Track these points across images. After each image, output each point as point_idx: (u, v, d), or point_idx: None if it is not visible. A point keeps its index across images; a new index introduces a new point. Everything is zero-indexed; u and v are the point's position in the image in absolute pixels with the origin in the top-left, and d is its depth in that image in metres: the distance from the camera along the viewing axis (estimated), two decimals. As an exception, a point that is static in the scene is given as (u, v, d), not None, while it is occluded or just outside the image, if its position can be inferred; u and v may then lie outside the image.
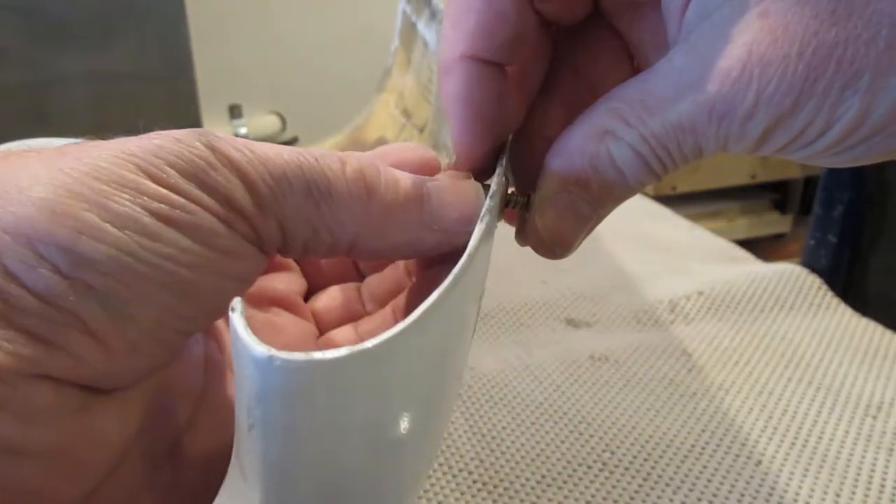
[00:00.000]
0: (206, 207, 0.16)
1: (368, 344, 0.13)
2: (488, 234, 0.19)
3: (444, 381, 0.18)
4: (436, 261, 0.22)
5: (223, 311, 0.18)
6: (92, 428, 0.16)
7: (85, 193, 0.15)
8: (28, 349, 0.15)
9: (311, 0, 1.58)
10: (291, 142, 1.58)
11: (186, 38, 1.06)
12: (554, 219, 0.21)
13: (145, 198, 0.16)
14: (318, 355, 0.13)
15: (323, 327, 0.24)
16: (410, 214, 0.19)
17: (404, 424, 0.16)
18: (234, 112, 1.60)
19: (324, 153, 0.19)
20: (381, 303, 0.24)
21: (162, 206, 0.16)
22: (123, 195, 0.16)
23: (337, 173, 0.18)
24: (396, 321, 0.22)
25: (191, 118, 1.10)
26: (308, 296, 0.25)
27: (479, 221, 0.19)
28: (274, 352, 0.13)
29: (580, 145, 0.20)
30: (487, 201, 0.20)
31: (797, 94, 0.17)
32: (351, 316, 0.24)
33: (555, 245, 0.21)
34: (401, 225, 0.19)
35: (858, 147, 0.17)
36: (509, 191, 0.22)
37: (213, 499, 0.16)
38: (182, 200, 0.16)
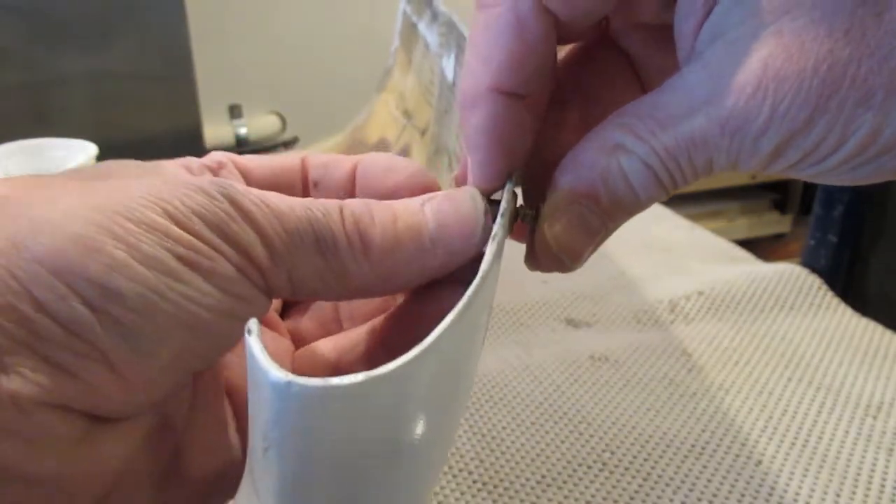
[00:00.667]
0: (225, 256, 0.17)
1: (386, 369, 0.13)
2: (499, 252, 0.19)
3: (457, 397, 0.19)
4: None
5: (230, 349, 0.19)
6: (94, 455, 0.17)
7: (117, 232, 0.16)
8: (48, 379, 0.15)
9: (311, 0, 1.58)
10: (291, 142, 1.58)
11: (186, 38, 1.06)
12: (563, 230, 0.21)
13: (171, 241, 0.17)
14: (335, 381, 0.13)
15: (298, 344, 0.24)
16: (412, 245, 0.20)
17: (418, 441, 0.16)
18: (234, 112, 1.60)
19: (327, 205, 0.19)
20: (359, 322, 0.24)
21: (187, 251, 0.17)
22: (152, 237, 0.17)
23: (338, 226, 0.19)
24: (375, 338, 0.22)
25: (191, 118, 1.10)
26: (283, 312, 0.25)
27: (490, 241, 0.19)
28: (292, 377, 0.13)
29: (591, 159, 0.20)
30: (498, 220, 0.20)
31: (811, 110, 0.17)
32: (327, 333, 0.24)
33: (563, 256, 0.21)
34: (405, 260, 0.20)
35: (868, 165, 0.18)
36: (518, 205, 0.22)
37: None
38: (205, 248, 0.17)
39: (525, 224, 0.22)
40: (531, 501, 0.32)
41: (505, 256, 0.20)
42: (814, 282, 0.51)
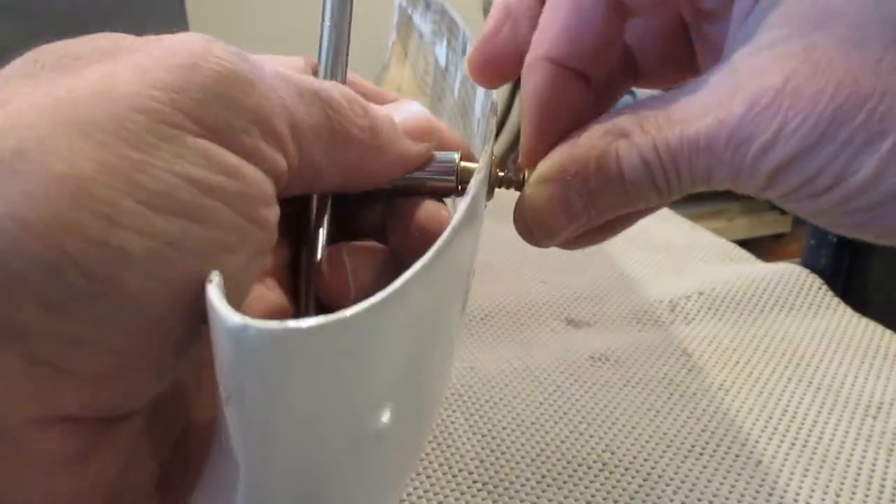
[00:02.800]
0: (251, 156, 0.15)
1: (347, 313, 0.13)
2: (474, 209, 0.18)
3: (429, 361, 0.18)
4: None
5: (240, 303, 0.16)
6: (85, 479, 0.14)
7: (115, 165, 0.12)
8: (36, 382, 0.12)
9: (311, 0, 1.58)
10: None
11: (186, 38, 1.06)
12: (542, 200, 0.20)
13: (185, 161, 0.13)
14: (293, 324, 0.12)
15: None
16: (392, 128, 0.20)
17: (386, 401, 0.15)
18: (234, 112, 1.60)
19: (323, 83, 0.19)
20: None
21: (208, 170, 0.13)
22: (160, 160, 0.13)
23: (338, 94, 0.18)
24: None
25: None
26: None
27: (465, 195, 0.18)
28: (248, 321, 0.12)
29: (592, 138, 0.20)
30: (474, 177, 0.19)
31: (819, 135, 0.16)
32: None
33: (535, 228, 0.21)
34: (389, 136, 0.20)
35: (866, 213, 0.17)
36: (502, 173, 0.22)
37: None
38: (231, 159, 0.14)
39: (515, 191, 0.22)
40: (531, 501, 0.32)
41: (505, 256, 0.20)
42: (814, 282, 0.51)
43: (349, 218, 0.23)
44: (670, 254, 0.58)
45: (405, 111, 0.22)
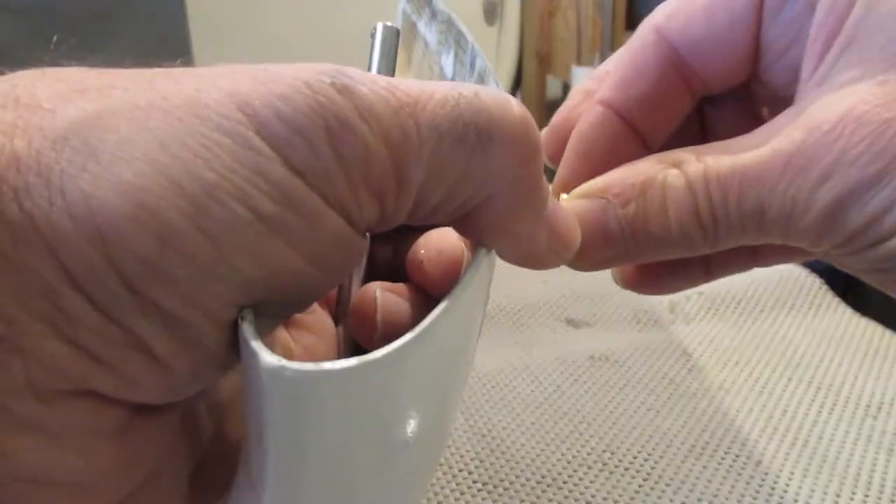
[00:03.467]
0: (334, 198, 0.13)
1: (378, 354, 0.13)
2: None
3: (452, 387, 0.18)
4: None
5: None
6: (126, 452, 0.14)
7: (187, 186, 0.12)
8: (75, 366, 0.12)
9: (311, 0, 1.58)
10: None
11: (186, 38, 1.06)
12: (578, 213, 0.19)
13: (260, 193, 0.12)
14: (328, 365, 0.13)
15: None
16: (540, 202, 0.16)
17: (413, 431, 0.16)
18: (234, 112, 1.60)
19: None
20: None
21: (281, 210, 0.12)
22: (234, 188, 0.12)
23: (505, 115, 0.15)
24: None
25: (191, 118, 1.10)
26: None
27: None
28: (284, 362, 0.13)
29: (644, 165, 0.19)
30: None
31: (885, 163, 0.15)
32: None
33: (564, 244, 0.18)
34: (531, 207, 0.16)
35: None
36: None
37: None
38: (313, 201, 0.13)
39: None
40: (531, 501, 0.32)
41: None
42: (814, 282, 0.51)
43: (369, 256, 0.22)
44: (670, 254, 0.58)
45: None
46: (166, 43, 1.06)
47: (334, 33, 1.60)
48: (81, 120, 0.12)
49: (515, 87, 1.78)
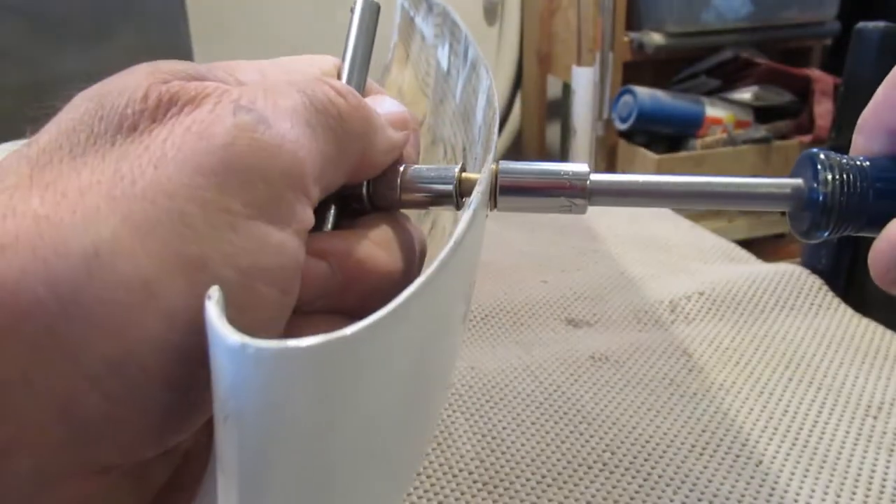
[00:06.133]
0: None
1: (346, 331, 0.12)
2: (476, 222, 0.18)
3: (431, 372, 0.18)
4: None
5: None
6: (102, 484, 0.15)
7: (175, 264, 0.13)
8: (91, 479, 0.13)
9: (310, 1, 1.58)
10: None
11: (187, 38, 1.06)
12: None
13: (236, 248, 0.13)
14: (292, 342, 0.12)
15: None
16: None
17: (388, 416, 0.15)
18: (235, 112, 1.60)
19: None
20: None
21: (257, 257, 0.14)
22: (217, 252, 0.13)
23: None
24: None
25: (191, 118, 1.10)
26: None
27: (466, 208, 0.18)
28: (247, 339, 0.12)
29: None
30: (476, 189, 0.19)
31: None
32: None
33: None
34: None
35: None
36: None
37: None
38: (276, 235, 0.14)
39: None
40: (531, 501, 0.32)
41: (504, 256, 0.20)
42: (814, 282, 0.51)
43: None
44: (670, 254, 0.58)
45: (384, 104, 0.21)
46: (166, 43, 1.06)
47: (334, 33, 1.60)
48: None
49: (515, 87, 1.78)
